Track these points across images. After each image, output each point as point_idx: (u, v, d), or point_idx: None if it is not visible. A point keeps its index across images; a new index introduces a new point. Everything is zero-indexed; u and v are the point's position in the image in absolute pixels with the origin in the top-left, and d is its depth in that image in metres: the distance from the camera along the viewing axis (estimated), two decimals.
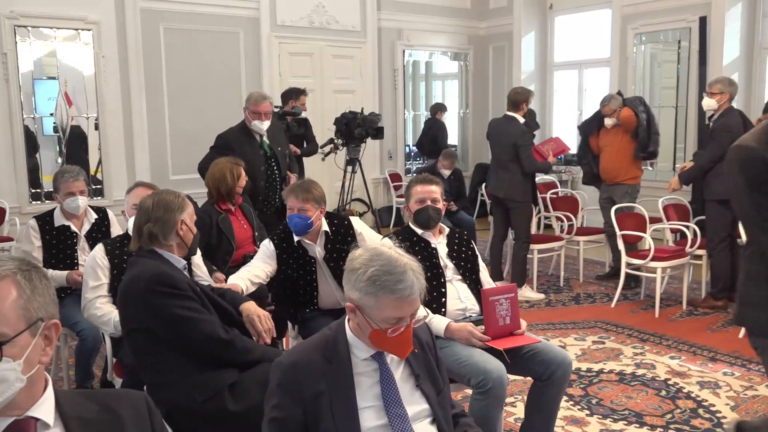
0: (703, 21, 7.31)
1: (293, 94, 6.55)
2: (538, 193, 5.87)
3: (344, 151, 6.92)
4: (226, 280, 3.20)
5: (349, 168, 6.89)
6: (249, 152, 4.52)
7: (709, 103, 5.14)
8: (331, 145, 6.76)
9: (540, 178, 6.99)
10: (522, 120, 5.50)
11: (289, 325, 3.43)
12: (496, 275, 5.59)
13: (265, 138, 4.70)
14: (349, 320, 1.85)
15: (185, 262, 2.58)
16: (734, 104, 6.07)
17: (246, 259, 3.60)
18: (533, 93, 5.69)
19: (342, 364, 1.81)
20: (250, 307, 2.62)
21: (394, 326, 1.75)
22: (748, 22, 7.29)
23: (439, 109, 8.88)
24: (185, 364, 2.34)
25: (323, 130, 7.29)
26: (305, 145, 6.30)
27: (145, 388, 2.39)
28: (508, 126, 5.53)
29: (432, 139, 8.60)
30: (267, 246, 3.27)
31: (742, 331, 4.57)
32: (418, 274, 1.78)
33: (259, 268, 3.17)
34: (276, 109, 5.98)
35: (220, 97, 7.43)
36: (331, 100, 8.32)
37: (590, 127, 5.99)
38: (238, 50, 7.69)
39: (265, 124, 4.62)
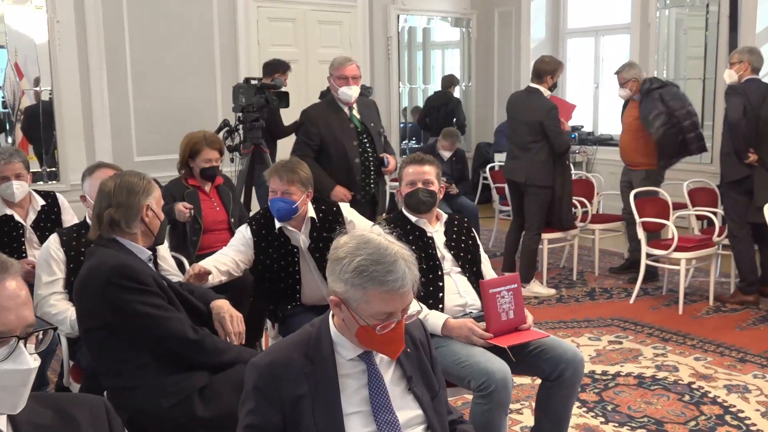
0: None
1: (280, 67, 6.57)
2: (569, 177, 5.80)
3: None
4: None
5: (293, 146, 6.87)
6: (337, 127, 4.49)
7: (729, 74, 5.16)
8: None
9: None
10: (547, 93, 5.48)
11: (269, 323, 3.45)
12: (508, 268, 5.62)
13: (355, 111, 4.59)
14: (333, 316, 1.86)
15: (150, 252, 2.58)
16: (765, 76, 6.10)
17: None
18: (563, 65, 5.63)
19: (325, 364, 1.82)
20: (223, 305, 2.63)
21: (383, 322, 1.75)
22: None
23: (452, 82, 8.88)
24: (149, 366, 2.36)
25: (307, 104, 7.26)
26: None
27: (105, 392, 2.41)
28: (530, 100, 5.50)
29: (447, 116, 8.63)
30: (243, 232, 3.27)
31: None
32: (411, 263, 1.79)
33: (227, 256, 3.17)
34: (254, 81, 5.99)
35: (190, 69, 7.39)
36: (317, 71, 8.28)
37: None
38: (210, 16, 7.63)
39: (354, 90, 4.49)
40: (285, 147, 6.68)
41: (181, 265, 3.50)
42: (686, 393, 3.80)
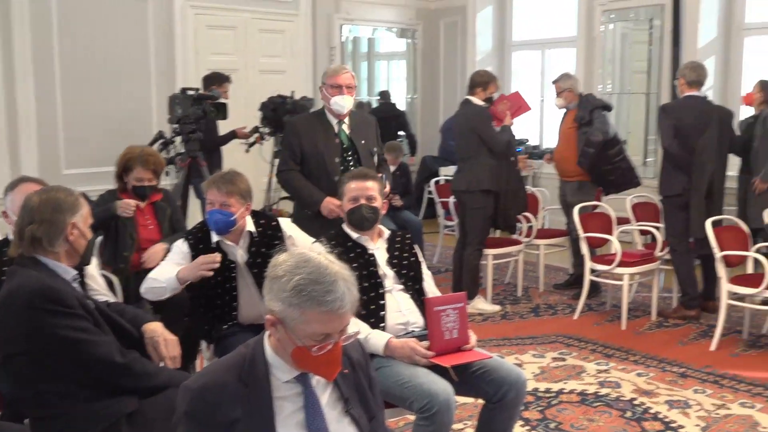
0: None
1: (217, 79, 6.61)
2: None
3: (272, 141, 6.92)
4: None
5: (277, 161, 6.87)
6: (321, 140, 4.22)
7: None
8: (257, 134, 6.74)
9: None
10: (480, 103, 5.58)
11: (203, 344, 3.42)
12: (457, 287, 5.66)
13: (345, 126, 4.31)
14: (269, 336, 1.86)
15: (76, 272, 2.54)
16: (710, 90, 6.34)
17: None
18: (497, 81, 5.75)
19: (260, 387, 1.82)
20: (156, 328, 2.60)
21: (320, 343, 1.76)
22: (725, 1, 7.59)
23: (386, 97, 9.05)
24: (74, 393, 2.31)
25: (247, 116, 7.25)
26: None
27: (27, 421, 2.35)
28: (463, 111, 5.67)
29: (398, 129, 8.82)
30: (179, 246, 3.24)
31: (714, 343, 4.78)
32: (351, 284, 1.80)
33: (167, 271, 3.14)
34: (191, 92, 5.96)
35: (124, 78, 7.28)
36: (258, 81, 8.26)
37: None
38: (145, 22, 7.54)
39: (347, 100, 4.20)
40: (231, 160, 6.67)
41: (111, 285, 3.44)
42: (628, 409, 3.90)
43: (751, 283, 4.66)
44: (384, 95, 9.32)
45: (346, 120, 4.29)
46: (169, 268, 3.15)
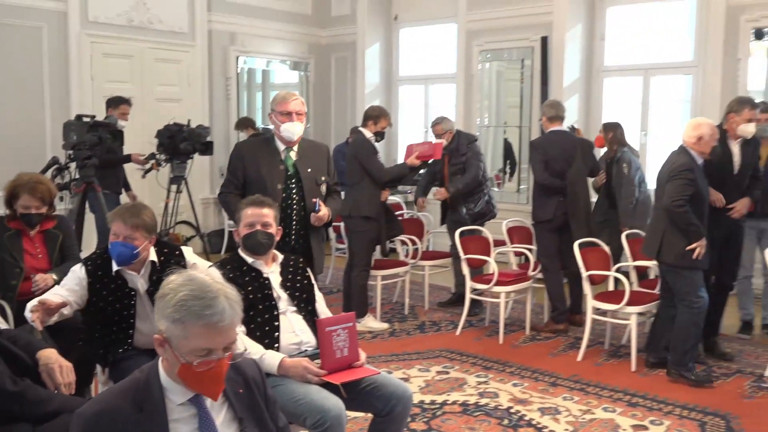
0: (544, 41, 7.98)
1: (113, 102, 6.54)
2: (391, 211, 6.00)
3: (168, 167, 6.77)
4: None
5: (174, 187, 6.74)
6: (265, 166, 4.00)
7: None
8: (153, 161, 6.58)
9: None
10: (369, 135, 5.66)
11: (99, 368, 3.28)
12: (347, 306, 5.67)
13: (292, 153, 4.07)
14: (163, 360, 1.83)
15: None
16: (575, 124, 6.70)
17: None
18: (388, 116, 5.84)
19: (154, 410, 1.77)
20: (51, 355, 2.49)
21: (203, 359, 1.74)
22: (587, 45, 8.06)
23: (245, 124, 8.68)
24: None
25: (143, 143, 7.07)
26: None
27: None
28: (353, 139, 5.81)
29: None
30: (77, 272, 3.12)
31: (581, 354, 5.01)
32: (234, 302, 1.79)
33: (60, 296, 3.00)
34: (87, 119, 5.76)
35: (18, 103, 6.96)
36: (154, 109, 8.08)
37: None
38: (40, 49, 7.26)
39: (297, 127, 3.98)
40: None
41: (2, 311, 3.26)
42: (505, 417, 4.02)
43: (613, 300, 4.92)
44: (245, 122, 8.87)
45: (295, 147, 4.08)
46: (61, 293, 3.02)
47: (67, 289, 3.05)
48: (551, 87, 7.96)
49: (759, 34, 6.73)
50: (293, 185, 4.04)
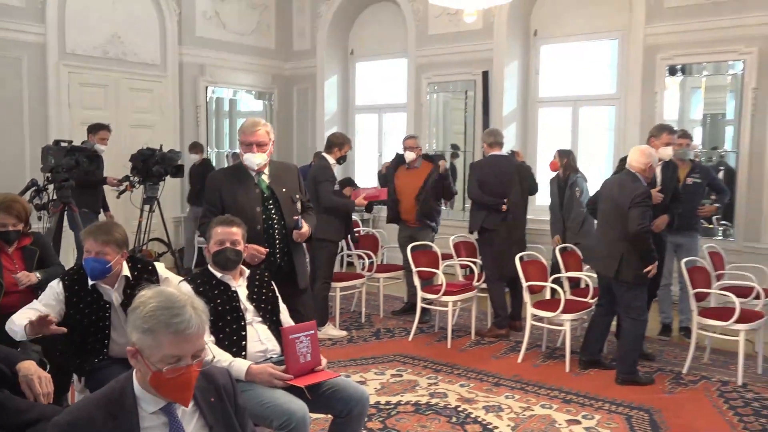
0: (485, 75, 8.10)
1: (93, 128, 6.45)
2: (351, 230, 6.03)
3: (141, 188, 6.67)
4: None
5: (147, 206, 6.64)
6: (241, 192, 3.81)
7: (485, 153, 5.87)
8: (127, 183, 6.48)
9: None
10: (332, 161, 5.67)
11: (75, 377, 3.19)
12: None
13: (264, 176, 3.87)
14: (137, 371, 1.78)
15: None
16: (514, 148, 6.81)
17: None
18: (351, 143, 5.87)
19: (127, 419, 1.73)
20: (30, 367, 2.42)
21: (172, 366, 1.70)
22: (523, 79, 8.22)
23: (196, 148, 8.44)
24: None
25: (117, 165, 6.95)
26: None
27: None
28: (316, 164, 5.78)
29: None
30: (54, 288, 3.03)
31: (521, 356, 5.06)
32: (201, 312, 1.76)
33: (36, 310, 2.91)
34: (65, 144, 5.64)
35: None
36: (128, 134, 7.95)
37: (391, 170, 6.32)
38: (20, 78, 7.09)
39: (258, 157, 3.77)
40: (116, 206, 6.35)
41: None
42: (453, 415, 4.03)
43: (549, 307, 4.99)
44: (195, 146, 8.37)
45: (266, 170, 3.87)
46: (38, 307, 2.94)
47: (44, 304, 2.96)
48: (492, 116, 8.08)
49: (672, 71, 6.96)
50: (271, 206, 3.86)
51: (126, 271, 3.12)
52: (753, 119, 6.50)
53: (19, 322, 2.80)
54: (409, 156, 6.11)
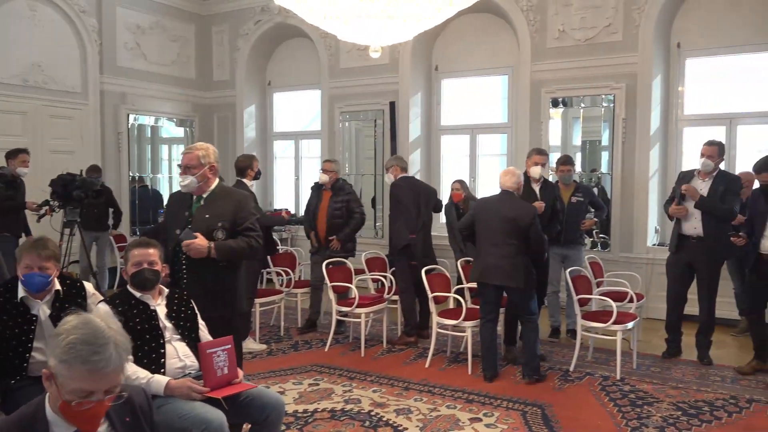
0: (392, 105, 8.23)
1: (11, 154, 6.17)
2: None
3: (61, 213, 6.34)
4: None
5: (67, 230, 6.30)
6: (175, 213, 3.62)
7: (392, 177, 5.90)
8: (47, 207, 6.14)
9: None
10: (250, 183, 5.57)
11: None
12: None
13: (202, 201, 3.56)
14: (50, 395, 1.66)
15: None
16: (417, 173, 6.94)
17: None
18: (256, 157, 5.79)
19: None
20: None
21: (82, 399, 1.60)
22: (427, 108, 8.40)
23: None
24: None
25: (36, 191, 6.57)
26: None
27: None
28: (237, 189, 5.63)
29: None
30: None
31: (428, 361, 5.12)
32: (122, 350, 1.65)
33: None
34: None
35: None
36: (48, 160, 7.53)
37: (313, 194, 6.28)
38: None
39: (185, 179, 3.51)
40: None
41: None
42: (367, 419, 4.01)
43: (453, 316, 5.08)
44: (95, 169, 7.44)
45: (205, 195, 3.56)
46: None
47: None
48: (399, 142, 8.20)
49: (555, 103, 7.30)
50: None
51: (57, 285, 3.03)
52: (623, 145, 6.91)
53: None
54: (323, 178, 6.08)
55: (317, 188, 6.20)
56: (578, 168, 7.22)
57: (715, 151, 4.97)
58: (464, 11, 4.51)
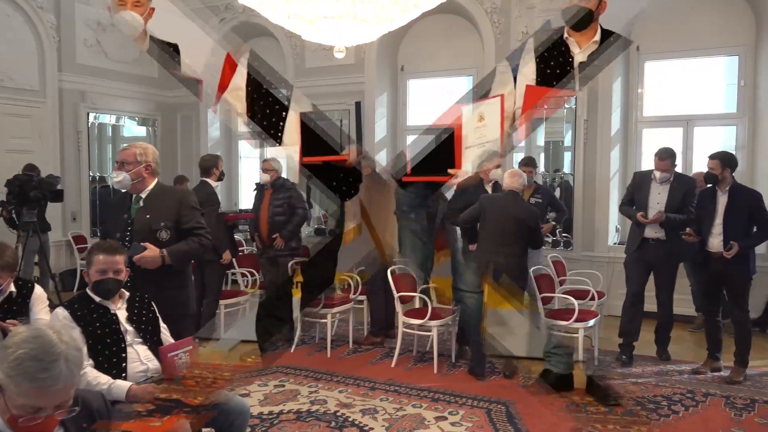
0: (358, 105, 8.21)
1: None
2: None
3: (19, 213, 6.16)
4: None
5: (24, 232, 6.13)
6: (115, 215, 3.50)
7: None
8: (1, 209, 5.97)
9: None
10: (215, 184, 5.53)
11: None
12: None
13: (141, 201, 3.43)
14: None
15: None
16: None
17: None
18: (221, 157, 5.76)
19: None
20: None
21: (30, 415, 1.54)
22: (392, 109, 8.42)
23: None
24: None
25: None
26: None
27: None
28: (202, 189, 5.56)
29: None
30: None
31: (394, 361, 5.13)
32: (73, 365, 1.59)
33: None
34: None
35: None
36: (6, 160, 7.33)
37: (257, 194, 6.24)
38: None
39: (119, 176, 3.38)
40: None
41: None
42: (333, 420, 4.01)
43: (418, 315, 5.10)
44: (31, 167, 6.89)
45: (144, 194, 3.45)
46: None
47: None
48: (365, 142, 8.19)
49: None
50: (128, 234, 3.41)
51: (12, 287, 3.04)
52: (585, 146, 7.03)
53: None
54: (264, 177, 6.01)
55: (260, 188, 6.16)
56: (542, 168, 7.32)
57: (668, 164, 5.11)
58: (430, 12, 4.53)
